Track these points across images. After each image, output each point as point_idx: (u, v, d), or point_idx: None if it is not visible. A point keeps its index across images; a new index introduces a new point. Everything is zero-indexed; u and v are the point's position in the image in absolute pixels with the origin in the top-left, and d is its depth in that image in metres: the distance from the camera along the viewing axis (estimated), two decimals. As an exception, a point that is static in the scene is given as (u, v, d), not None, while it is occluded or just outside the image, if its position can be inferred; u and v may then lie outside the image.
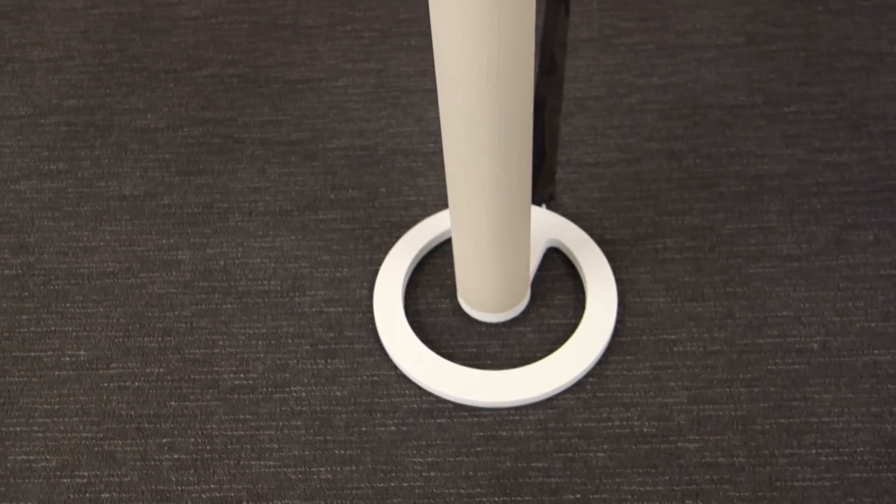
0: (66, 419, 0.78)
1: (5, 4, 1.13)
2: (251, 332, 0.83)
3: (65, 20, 1.11)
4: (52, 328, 0.84)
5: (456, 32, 0.57)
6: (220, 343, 0.82)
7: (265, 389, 0.79)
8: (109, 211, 0.92)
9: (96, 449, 0.76)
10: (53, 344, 0.83)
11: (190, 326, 0.83)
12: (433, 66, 1.03)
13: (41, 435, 0.77)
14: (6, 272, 0.88)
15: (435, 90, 1.01)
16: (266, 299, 0.85)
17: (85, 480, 0.75)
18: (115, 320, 0.84)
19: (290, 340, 0.82)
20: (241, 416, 0.77)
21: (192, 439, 0.76)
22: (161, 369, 0.81)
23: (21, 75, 1.05)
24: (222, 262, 0.88)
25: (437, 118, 0.98)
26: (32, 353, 0.82)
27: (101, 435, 0.77)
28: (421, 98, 1.00)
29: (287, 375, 0.80)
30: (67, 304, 0.85)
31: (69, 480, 0.75)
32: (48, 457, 0.76)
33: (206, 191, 0.93)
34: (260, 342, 0.82)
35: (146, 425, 0.77)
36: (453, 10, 0.56)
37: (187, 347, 0.82)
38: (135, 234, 0.90)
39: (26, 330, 0.84)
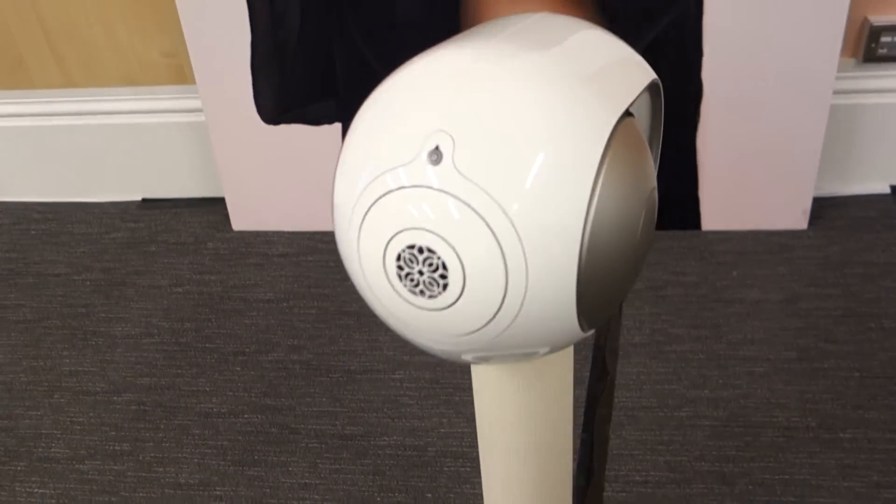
0: None
1: (101, 280, 1.23)
2: None
3: (150, 297, 1.20)
4: None
5: (493, 410, 0.60)
6: None
7: None
8: (164, 499, 0.95)
9: None
10: None
11: None
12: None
13: None
14: (57, 562, 0.90)
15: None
16: None
17: None
18: None
19: None
20: None
21: None
22: None
23: (103, 350, 1.13)
24: (264, 567, 0.88)
25: (488, 422, 1.00)
26: None
27: None
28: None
29: None
30: None
31: None
32: None
33: (258, 483, 0.96)
34: None
35: None
36: (493, 392, 0.59)
37: None
38: (184, 527, 0.92)
39: None
